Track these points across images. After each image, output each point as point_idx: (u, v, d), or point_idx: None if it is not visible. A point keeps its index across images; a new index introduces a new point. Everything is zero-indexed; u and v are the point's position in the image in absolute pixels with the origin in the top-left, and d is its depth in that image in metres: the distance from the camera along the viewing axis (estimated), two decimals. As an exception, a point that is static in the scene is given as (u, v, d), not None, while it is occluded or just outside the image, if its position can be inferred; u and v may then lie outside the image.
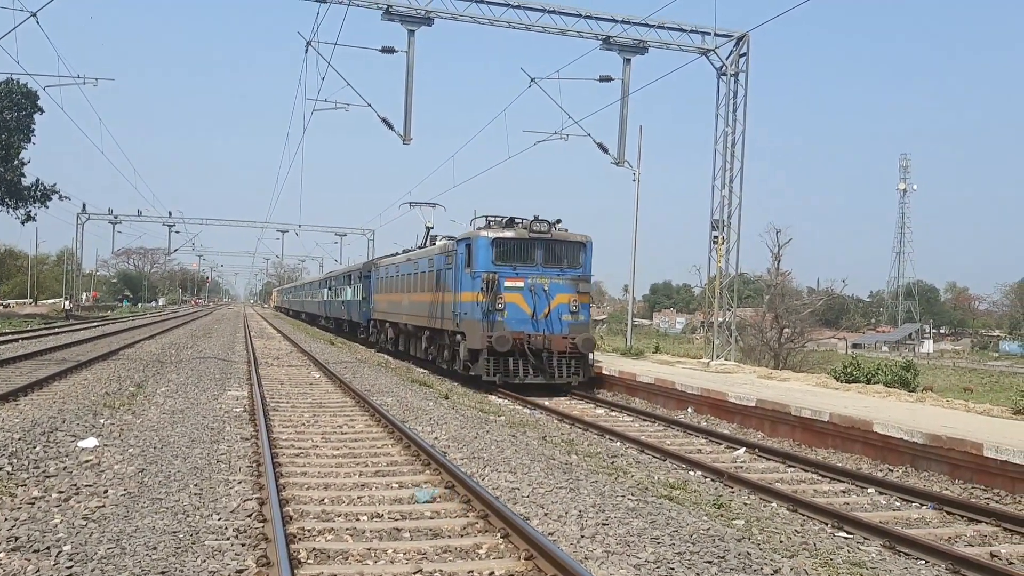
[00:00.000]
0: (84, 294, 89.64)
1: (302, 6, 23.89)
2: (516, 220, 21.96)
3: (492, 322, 20.92)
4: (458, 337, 22.32)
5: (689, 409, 18.46)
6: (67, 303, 77.17)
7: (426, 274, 26.19)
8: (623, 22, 26.63)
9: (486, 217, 22.72)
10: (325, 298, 57.56)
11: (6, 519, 7.69)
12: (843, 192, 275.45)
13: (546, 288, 21.10)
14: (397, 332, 31.72)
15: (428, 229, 31.16)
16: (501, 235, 21.40)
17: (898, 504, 10.56)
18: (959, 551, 8.10)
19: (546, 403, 19.12)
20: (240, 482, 9.53)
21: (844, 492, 11.15)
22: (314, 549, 7.16)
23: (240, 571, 6.54)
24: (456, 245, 22.79)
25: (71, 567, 6.47)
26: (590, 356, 21.71)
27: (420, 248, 30.42)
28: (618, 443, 13.99)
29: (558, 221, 21.84)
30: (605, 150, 28.70)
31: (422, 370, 26.79)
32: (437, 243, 27.34)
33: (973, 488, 11.23)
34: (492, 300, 20.76)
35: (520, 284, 21.11)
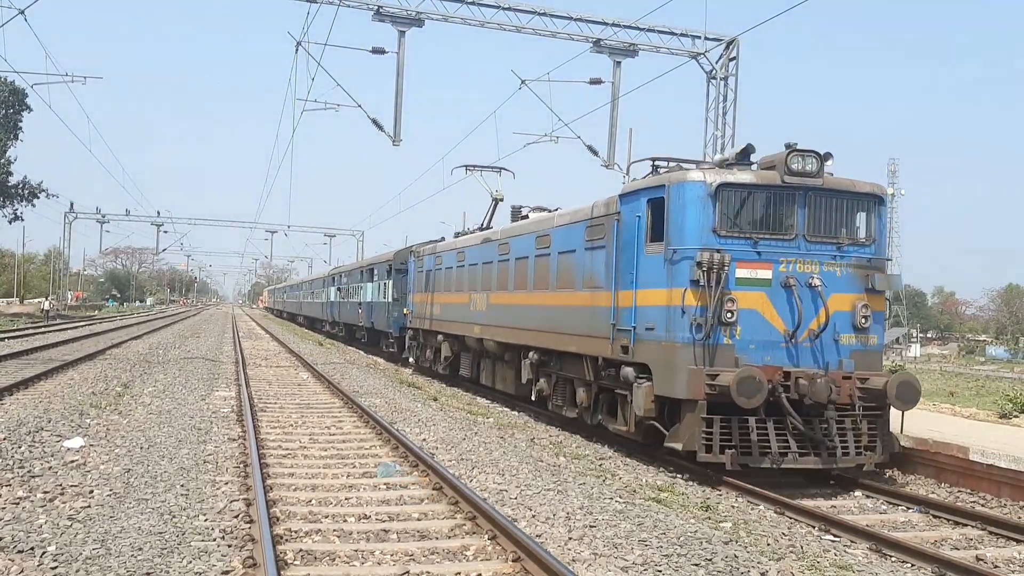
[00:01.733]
0: (68, 293, 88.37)
1: (292, 6, 23.84)
2: (750, 149, 12.23)
3: (712, 347, 11.18)
4: (628, 373, 12.23)
5: None
6: (46, 303, 70.53)
7: (532, 261, 16.24)
8: (614, 25, 26.65)
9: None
10: (332, 298, 48.08)
11: (-10, 519, 7.63)
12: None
13: (815, 282, 11.38)
14: (459, 349, 21.84)
15: (496, 201, 22.19)
16: (732, 179, 11.52)
17: (884, 507, 10.60)
18: (945, 554, 8.14)
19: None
20: (227, 483, 9.50)
21: (831, 495, 11.18)
22: (301, 550, 7.14)
23: (226, 572, 6.51)
24: (620, 205, 12.70)
25: (56, 567, 6.43)
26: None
27: (482, 230, 21.47)
28: (606, 446, 13.88)
29: (827, 156, 11.74)
30: (595, 152, 28.70)
31: (409, 370, 26.75)
32: (531, 217, 18.32)
33: (959, 492, 11.28)
34: (714, 305, 11.01)
35: (767, 274, 11.38)
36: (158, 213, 79.84)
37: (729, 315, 11.10)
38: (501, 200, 21.69)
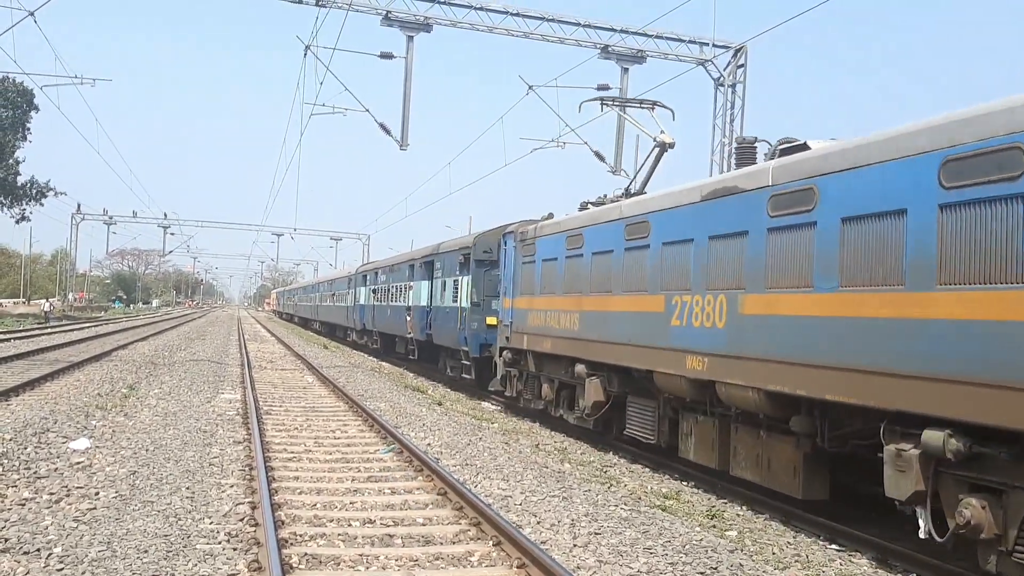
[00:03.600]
0: (70, 294, 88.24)
1: (301, 10, 23.89)
2: None
3: None
4: None
5: None
6: (47, 304, 66.04)
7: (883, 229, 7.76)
8: (622, 31, 26.72)
9: None
10: (362, 301, 37.93)
11: (-4, 520, 7.65)
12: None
13: None
14: (624, 391, 13.12)
15: (662, 148, 14.50)
16: None
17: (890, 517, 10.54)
18: (949, 566, 8.10)
19: None
20: (232, 486, 9.51)
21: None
22: (306, 554, 7.13)
23: (232, 575, 6.52)
24: None
25: (61, 569, 6.45)
26: None
27: (630, 196, 14.00)
28: (611, 453, 13.89)
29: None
30: (602, 158, 28.72)
31: (415, 375, 26.75)
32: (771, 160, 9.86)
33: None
34: None
35: None
36: (165, 215, 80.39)
37: None
38: (671, 146, 14.56)
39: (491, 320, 19.78)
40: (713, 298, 10.17)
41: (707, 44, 27.30)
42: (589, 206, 14.95)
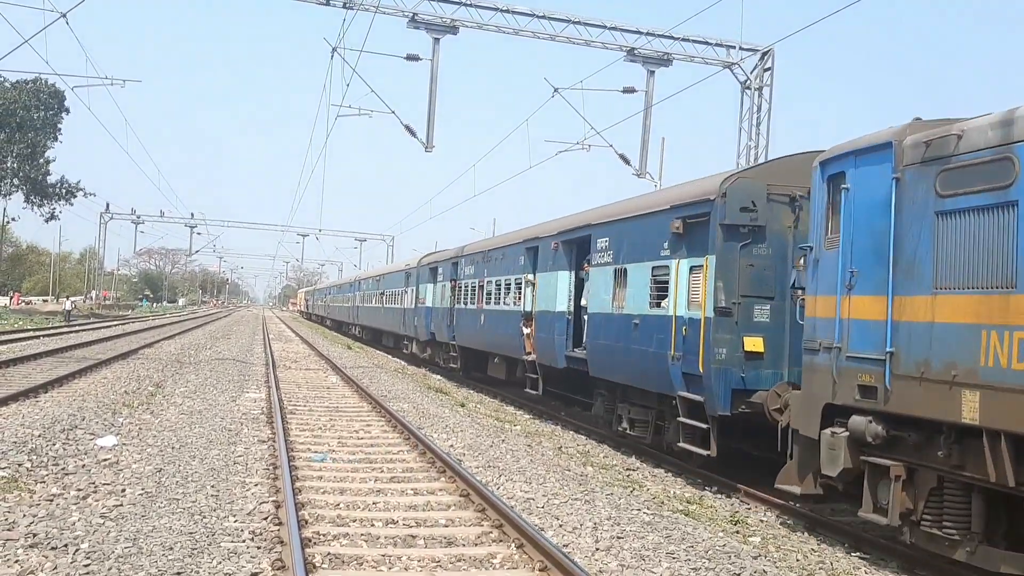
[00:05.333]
0: (93, 292, 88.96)
1: (329, 13, 24.01)
2: None
3: None
4: None
5: None
6: (68, 303, 61.92)
7: None
8: (648, 34, 26.62)
9: None
10: (430, 302, 28.24)
11: (25, 515, 7.75)
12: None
13: None
14: None
15: None
16: None
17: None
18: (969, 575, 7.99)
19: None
20: (256, 484, 9.57)
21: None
22: (329, 554, 7.17)
23: (255, 574, 6.56)
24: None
25: (88, 565, 6.52)
26: None
27: None
28: (633, 456, 13.81)
29: None
30: (627, 161, 28.65)
31: (439, 377, 26.80)
32: None
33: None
34: None
35: None
36: (192, 215, 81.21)
37: None
38: None
39: (753, 342, 10.89)
40: None
41: (734, 47, 27.15)
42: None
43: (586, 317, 15.28)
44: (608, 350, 14.15)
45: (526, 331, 18.16)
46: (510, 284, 19.96)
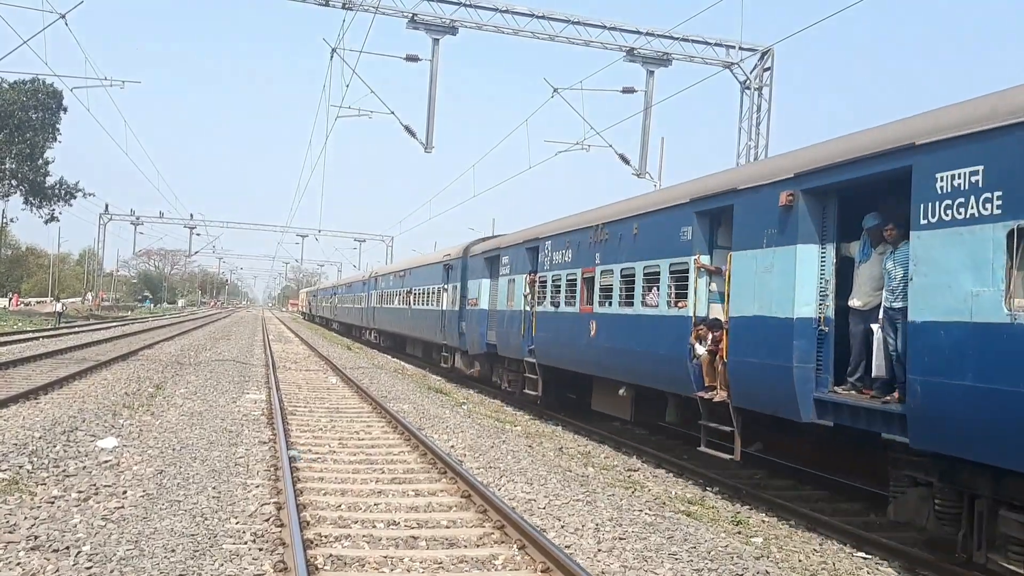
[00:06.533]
0: (89, 294, 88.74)
1: (328, 13, 24.00)
2: None
3: None
4: None
5: None
6: (58, 305, 59.47)
7: None
8: (647, 34, 26.62)
9: None
10: (484, 304, 22.22)
11: (26, 518, 7.74)
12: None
13: None
14: None
15: None
16: None
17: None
18: (975, 574, 8.00)
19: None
20: (258, 486, 9.56)
21: (862, 511, 11.02)
22: (331, 555, 7.16)
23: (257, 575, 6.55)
24: None
25: (90, 567, 6.51)
26: None
27: None
28: (635, 456, 13.83)
29: None
30: (627, 161, 28.65)
31: (438, 377, 26.78)
32: None
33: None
34: None
35: None
36: (191, 216, 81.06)
37: None
38: None
39: None
40: None
41: (733, 47, 27.16)
42: None
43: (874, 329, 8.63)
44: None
45: (700, 350, 11.47)
46: (658, 273, 12.71)
